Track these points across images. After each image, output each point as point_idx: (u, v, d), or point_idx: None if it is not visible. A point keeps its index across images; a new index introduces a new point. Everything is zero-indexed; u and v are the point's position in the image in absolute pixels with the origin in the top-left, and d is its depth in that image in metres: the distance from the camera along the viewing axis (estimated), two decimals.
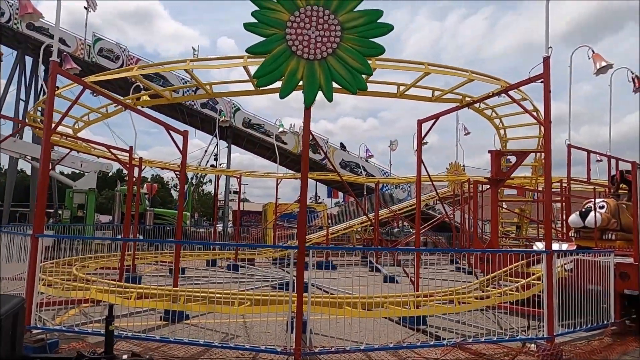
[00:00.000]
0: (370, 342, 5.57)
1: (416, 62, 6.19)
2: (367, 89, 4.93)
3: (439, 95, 7.00)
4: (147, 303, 5.68)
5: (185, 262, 14.80)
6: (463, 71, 6.37)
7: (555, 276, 5.90)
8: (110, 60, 25.45)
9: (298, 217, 5.23)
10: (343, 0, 4.81)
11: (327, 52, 4.79)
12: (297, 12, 4.80)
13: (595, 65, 11.26)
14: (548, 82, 5.92)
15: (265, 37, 4.78)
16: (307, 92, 4.77)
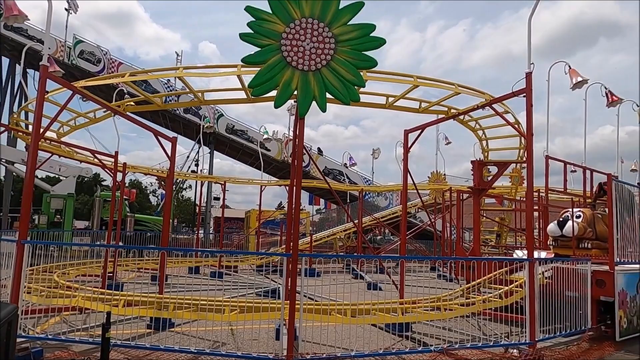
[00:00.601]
0: (359, 349, 5.64)
1: (405, 74, 6.38)
2: (359, 100, 5.05)
3: (426, 107, 7.21)
4: (136, 311, 5.62)
5: (169, 269, 14.59)
6: (450, 84, 6.59)
7: (536, 283, 6.12)
8: (91, 64, 25.04)
9: (288, 224, 5.29)
10: (337, 14, 4.94)
11: (322, 64, 4.91)
12: (292, 24, 4.90)
13: (572, 80, 11.74)
14: (530, 96, 6.19)
15: (261, 47, 4.85)
16: (302, 103, 4.87)
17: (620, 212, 8.04)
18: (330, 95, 4.95)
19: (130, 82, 6.70)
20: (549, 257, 8.53)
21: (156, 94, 8.01)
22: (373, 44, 4.97)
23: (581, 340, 6.83)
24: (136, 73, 7.55)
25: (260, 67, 4.91)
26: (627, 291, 7.14)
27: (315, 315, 5.70)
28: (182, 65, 6.21)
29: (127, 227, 18.91)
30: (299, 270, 5.17)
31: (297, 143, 5.11)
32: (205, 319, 5.47)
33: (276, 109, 4.94)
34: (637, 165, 27.25)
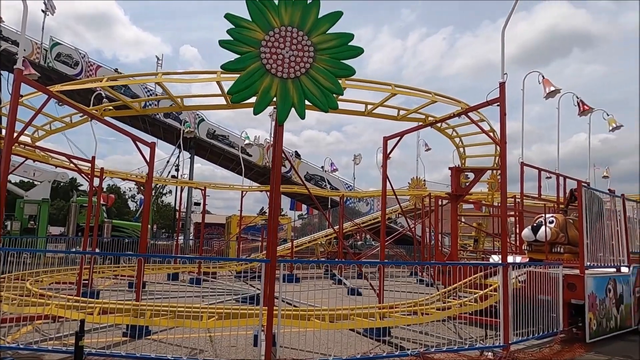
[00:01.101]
0: (338, 354, 5.68)
1: (384, 82, 6.51)
2: (337, 108, 5.13)
3: (404, 115, 7.35)
4: (111, 318, 5.53)
5: (147, 275, 14.36)
6: (427, 92, 6.75)
7: (510, 287, 6.28)
8: (68, 66, 24.54)
9: (268, 230, 5.31)
10: (316, 23, 5.02)
11: (301, 72, 4.97)
12: (271, 32, 4.95)
13: (545, 90, 12.13)
14: (504, 105, 6.38)
15: (240, 54, 4.89)
16: (280, 110, 4.92)
17: (591, 217, 8.34)
18: (310, 103, 5.02)
19: (107, 87, 6.63)
20: (523, 261, 8.76)
21: (136, 99, 7.91)
22: (351, 53, 5.07)
23: (553, 342, 7.04)
24: (115, 78, 7.46)
25: (239, 74, 4.94)
26: (597, 294, 7.39)
27: (294, 321, 5.72)
28: (161, 71, 6.19)
29: (104, 233, 18.52)
30: (278, 276, 5.18)
31: (276, 150, 5.15)
32: (183, 326, 5.43)
33: (256, 115, 4.96)
34: (608, 172, 28.24)
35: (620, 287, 8.07)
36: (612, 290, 7.84)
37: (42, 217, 17.60)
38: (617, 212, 9.61)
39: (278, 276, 5.14)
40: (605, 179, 27.49)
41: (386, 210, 21.77)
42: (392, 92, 6.46)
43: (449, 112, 7.31)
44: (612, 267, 8.37)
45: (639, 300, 8.67)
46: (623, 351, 7.02)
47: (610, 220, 8.70)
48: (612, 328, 7.72)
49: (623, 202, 8.86)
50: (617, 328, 7.86)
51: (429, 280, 14.38)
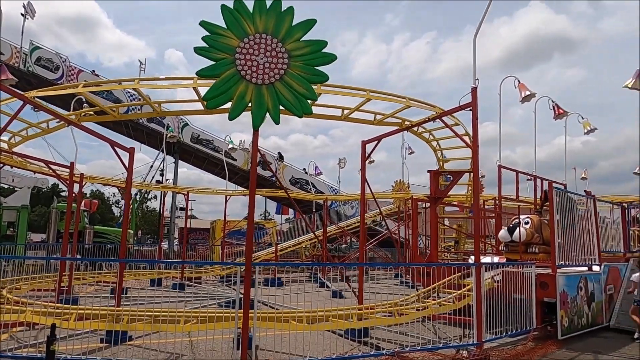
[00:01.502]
0: (314, 355, 5.77)
1: (359, 88, 6.65)
2: (312, 113, 5.24)
3: (380, 119, 7.50)
4: (87, 324, 5.53)
5: (129, 281, 14.24)
6: (401, 98, 6.91)
7: (483, 287, 6.45)
8: (49, 71, 24.24)
9: (247, 234, 5.39)
10: (290, 30, 5.13)
11: (275, 78, 5.07)
12: (246, 39, 5.05)
13: (520, 94, 12.45)
14: (476, 110, 6.57)
15: (215, 61, 4.97)
16: (255, 115, 5.01)
17: (564, 218, 8.61)
18: (284, 108, 5.12)
19: (85, 93, 6.62)
20: (494, 261, 8.98)
21: (117, 104, 7.87)
22: (325, 60, 5.19)
23: (527, 339, 7.22)
24: (91, 84, 7.45)
25: (215, 80, 5.02)
26: (568, 292, 7.62)
27: (271, 323, 5.79)
28: (140, 77, 6.22)
29: (86, 240, 18.30)
30: (255, 280, 5.25)
31: (252, 154, 5.23)
32: (159, 330, 5.45)
33: (232, 120, 5.04)
34: (587, 174, 28.91)
35: (591, 285, 8.33)
36: (584, 288, 8.09)
37: (22, 223, 17.31)
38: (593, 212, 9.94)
39: (260, 279, 5.21)
40: (584, 180, 28.20)
41: (370, 214, 21.94)
42: (367, 97, 6.61)
43: (424, 117, 7.48)
44: (584, 265, 8.63)
45: (610, 297, 8.96)
46: (594, 347, 7.26)
47: (584, 220, 8.99)
48: (584, 325, 7.96)
49: (594, 203, 9.15)
50: (589, 325, 8.11)
51: (409, 281, 14.56)
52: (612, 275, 9.13)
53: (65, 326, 5.47)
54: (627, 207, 10.90)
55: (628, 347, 7.40)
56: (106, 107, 6.77)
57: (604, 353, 6.93)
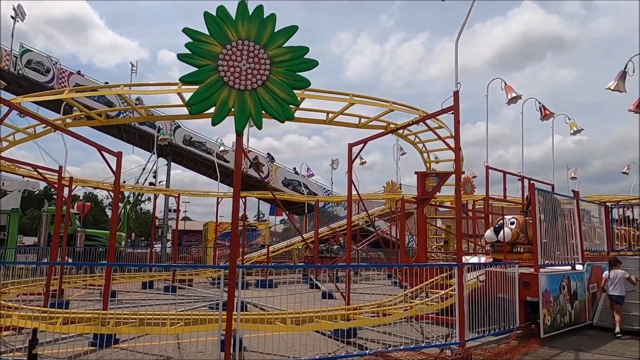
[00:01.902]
0: (297, 355, 5.86)
1: (342, 92, 6.75)
2: (294, 119, 5.34)
3: (365, 123, 7.61)
4: (73, 328, 5.58)
5: (122, 284, 14.26)
6: (385, 101, 7.02)
7: (465, 287, 6.57)
8: (39, 73, 24.13)
9: (231, 237, 5.48)
10: (272, 37, 5.22)
11: (257, 84, 5.15)
12: (228, 46, 5.12)
13: (507, 96, 12.63)
14: (457, 113, 6.69)
15: (198, 67, 5.05)
16: (238, 120, 5.09)
17: (549, 218, 8.78)
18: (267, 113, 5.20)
19: (70, 99, 6.66)
20: (481, 261, 9.12)
21: (109, 109, 7.88)
22: (306, 66, 5.27)
23: (510, 338, 7.35)
24: (77, 90, 7.49)
25: (198, 85, 5.09)
26: (551, 291, 7.76)
27: (255, 325, 5.87)
28: (125, 83, 6.26)
29: (77, 243, 18.26)
30: (239, 282, 5.33)
31: (236, 158, 5.32)
32: (144, 333, 5.52)
33: (214, 125, 5.12)
34: (576, 174, 29.23)
35: (574, 284, 8.49)
36: (566, 287, 8.24)
37: (12, 227, 17.24)
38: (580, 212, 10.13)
39: (251, 281, 5.27)
40: (574, 180, 28.53)
41: (363, 214, 22.02)
42: (350, 102, 6.71)
43: (409, 120, 7.60)
44: (567, 265, 8.79)
45: (593, 296, 9.12)
46: (576, 345, 7.40)
47: (570, 220, 9.15)
48: (567, 323, 8.11)
49: (577, 203, 9.31)
50: (572, 323, 8.26)
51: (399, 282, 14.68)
52: (596, 274, 9.29)
53: (51, 330, 5.51)
54: (611, 207, 11.08)
55: (609, 344, 7.55)
56: (92, 112, 6.81)
57: (585, 350, 7.08)
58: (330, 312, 6.78)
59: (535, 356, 6.72)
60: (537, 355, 6.78)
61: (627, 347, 7.37)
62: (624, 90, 10.70)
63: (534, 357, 6.70)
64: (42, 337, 6.03)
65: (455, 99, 6.69)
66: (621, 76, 10.67)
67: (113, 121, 7.81)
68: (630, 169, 24.62)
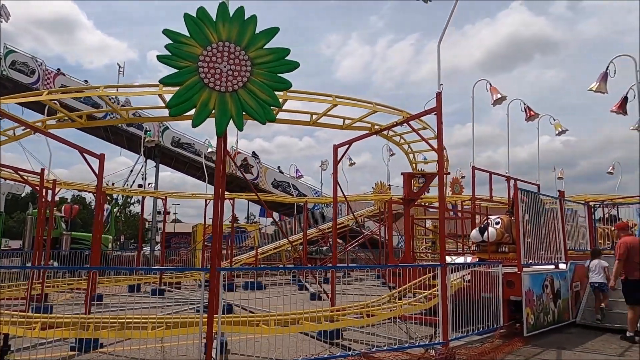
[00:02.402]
0: (286, 357, 5.86)
1: (325, 94, 6.76)
2: (275, 120, 5.33)
3: (349, 124, 7.63)
4: (51, 333, 5.50)
5: (109, 288, 14.10)
6: (368, 103, 7.05)
7: (449, 287, 6.61)
8: (24, 75, 23.81)
9: (212, 240, 5.45)
10: (253, 39, 5.21)
11: (238, 85, 5.14)
12: (209, 47, 5.11)
13: (492, 97, 12.75)
14: (440, 114, 6.74)
15: (178, 69, 5.02)
16: (219, 122, 5.07)
17: (534, 217, 8.89)
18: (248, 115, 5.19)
19: (49, 101, 6.58)
20: (466, 261, 9.19)
21: (85, 112, 7.76)
22: (287, 67, 5.27)
23: (494, 337, 7.41)
24: (53, 91, 7.40)
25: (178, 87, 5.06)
26: (534, 290, 7.84)
27: (238, 327, 5.85)
28: (104, 84, 6.18)
29: (63, 246, 18.02)
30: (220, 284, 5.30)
31: (217, 160, 5.30)
32: (124, 338, 5.46)
33: (195, 127, 5.09)
34: (562, 174, 29.63)
35: (557, 283, 8.58)
36: (550, 286, 8.33)
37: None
38: (565, 212, 10.27)
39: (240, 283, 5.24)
40: (560, 180, 28.92)
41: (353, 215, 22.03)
42: (333, 103, 6.73)
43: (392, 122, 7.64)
44: (551, 264, 8.89)
45: (576, 294, 9.24)
46: (559, 343, 7.48)
47: (554, 220, 9.26)
48: (550, 322, 8.20)
49: (560, 203, 9.43)
50: (555, 321, 8.35)
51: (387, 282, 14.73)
52: (579, 273, 9.41)
53: (29, 335, 5.43)
54: (593, 207, 11.24)
55: (591, 342, 7.65)
56: (73, 114, 6.73)
57: (568, 349, 7.15)
58: (314, 314, 6.78)
59: (518, 355, 6.78)
60: (520, 354, 6.84)
61: (608, 345, 7.47)
62: (606, 92, 10.88)
63: (516, 355, 6.75)
64: (20, 342, 5.96)
65: (438, 100, 6.73)
66: (603, 77, 10.85)
67: (94, 123, 7.71)
68: (614, 169, 25.00)
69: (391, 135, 8.87)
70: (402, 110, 7.31)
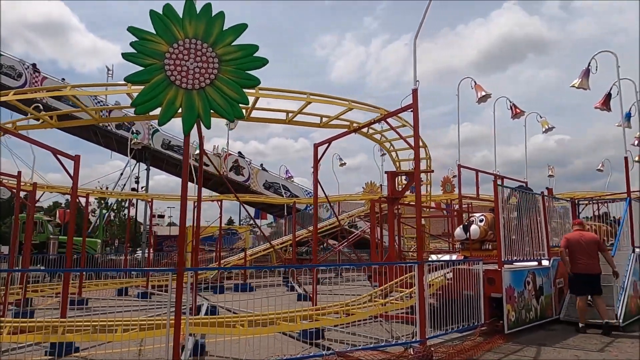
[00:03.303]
0: (263, 357, 5.79)
1: (299, 91, 6.70)
2: (244, 117, 5.28)
3: (326, 122, 7.58)
4: (23, 337, 5.41)
5: (92, 292, 13.97)
6: (343, 100, 7.00)
7: (426, 285, 6.56)
8: (11, 78, 23.64)
9: (177, 240, 5.39)
10: (221, 35, 5.14)
11: (205, 83, 5.07)
12: (175, 45, 5.03)
13: (477, 95, 12.74)
14: (416, 111, 6.69)
15: (144, 66, 4.95)
16: (186, 120, 5.00)
17: (518, 214, 8.87)
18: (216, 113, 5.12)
19: (14, 101, 6.48)
20: (459, 259, 9.15)
21: (69, 110, 7.63)
22: (256, 64, 5.22)
23: (475, 335, 7.37)
24: (19, 92, 7.31)
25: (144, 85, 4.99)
26: (515, 287, 7.80)
27: (208, 329, 5.78)
28: (73, 84, 6.11)
29: (50, 250, 17.87)
30: (189, 285, 5.23)
31: (184, 159, 5.23)
32: (89, 340, 5.38)
33: (161, 125, 5.04)
34: (553, 172, 29.76)
35: (539, 279, 8.55)
36: (531, 283, 8.30)
37: None
38: (553, 208, 10.28)
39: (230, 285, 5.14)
40: (551, 177, 29.04)
41: (343, 215, 22.00)
42: (307, 101, 6.67)
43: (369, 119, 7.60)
44: (533, 260, 8.87)
45: (560, 291, 9.21)
46: (540, 339, 7.44)
47: (539, 216, 9.25)
48: (533, 318, 8.16)
49: (542, 199, 9.41)
50: (538, 318, 8.31)
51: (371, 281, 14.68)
52: (562, 269, 9.38)
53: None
54: (577, 203, 11.24)
55: (573, 338, 7.62)
56: (40, 115, 6.63)
57: (549, 345, 7.12)
58: (293, 314, 6.71)
59: (498, 352, 6.73)
60: (500, 351, 6.79)
61: (589, 341, 7.45)
62: (588, 88, 10.90)
63: (496, 352, 6.71)
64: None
65: (414, 97, 6.69)
66: (585, 74, 10.87)
67: (63, 123, 7.61)
68: (604, 166, 25.15)
69: (371, 133, 8.82)
70: (380, 108, 7.27)
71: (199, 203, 7.38)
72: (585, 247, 7.97)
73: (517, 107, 14.11)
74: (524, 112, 14.13)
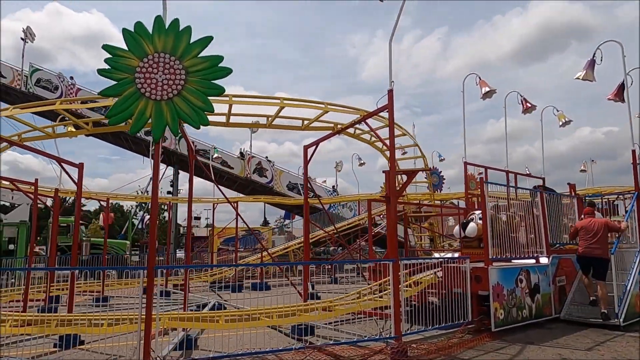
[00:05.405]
0: (234, 350, 6.11)
1: (273, 97, 6.97)
2: (208, 124, 5.57)
3: (307, 124, 7.79)
4: (22, 330, 6.00)
5: (119, 290, 14.84)
6: (319, 103, 7.19)
7: (402, 282, 6.65)
8: (48, 91, 25.37)
9: (149, 237, 5.79)
10: (188, 48, 5.49)
11: (173, 94, 5.43)
12: (145, 59, 5.42)
13: (481, 91, 12.55)
14: (392, 112, 6.79)
15: (117, 81, 5.37)
16: (155, 129, 5.38)
17: (517, 212, 8.75)
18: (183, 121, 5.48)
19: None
20: (451, 256, 9.12)
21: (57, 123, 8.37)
22: (220, 74, 5.53)
23: (461, 332, 7.35)
24: (23, 107, 7.99)
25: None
26: (504, 285, 7.71)
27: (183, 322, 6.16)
28: (63, 99, 6.65)
29: (83, 252, 19.07)
30: (159, 284, 5.61)
31: (154, 164, 5.62)
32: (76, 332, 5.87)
33: (132, 134, 5.43)
34: (586, 167, 28.43)
35: (535, 277, 8.38)
36: (525, 281, 8.15)
37: (21, 238, 18.18)
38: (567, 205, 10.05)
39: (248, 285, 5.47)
40: (583, 172, 27.77)
41: (363, 215, 22.04)
42: (280, 105, 6.91)
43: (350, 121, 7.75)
44: (530, 258, 8.70)
45: (560, 289, 8.98)
46: (532, 338, 7.31)
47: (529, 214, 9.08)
48: (526, 317, 8.02)
49: (541, 196, 9.20)
50: (533, 316, 8.16)
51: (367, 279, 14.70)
52: (564, 267, 9.15)
53: (3, 332, 5.95)
54: (583, 199, 10.86)
55: (566, 337, 7.45)
56: (39, 126, 7.26)
57: (536, 343, 6.99)
58: (281, 310, 6.97)
59: (479, 350, 6.70)
60: (482, 348, 6.76)
61: (582, 339, 7.27)
62: (594, 79, 10.52)
63: (478, 350, 6.68)
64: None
65: (389, 97, 6.79)
66: (590, 65, 10.50)
67: (61, 135, 8.26)
68: None
69: (358, 133, 8.94)
70: (359, 109, 7.40)
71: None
72: (592, 231, 8.28)
73: (527, 101, 13.75)
74: (535, 107, 13.74)
